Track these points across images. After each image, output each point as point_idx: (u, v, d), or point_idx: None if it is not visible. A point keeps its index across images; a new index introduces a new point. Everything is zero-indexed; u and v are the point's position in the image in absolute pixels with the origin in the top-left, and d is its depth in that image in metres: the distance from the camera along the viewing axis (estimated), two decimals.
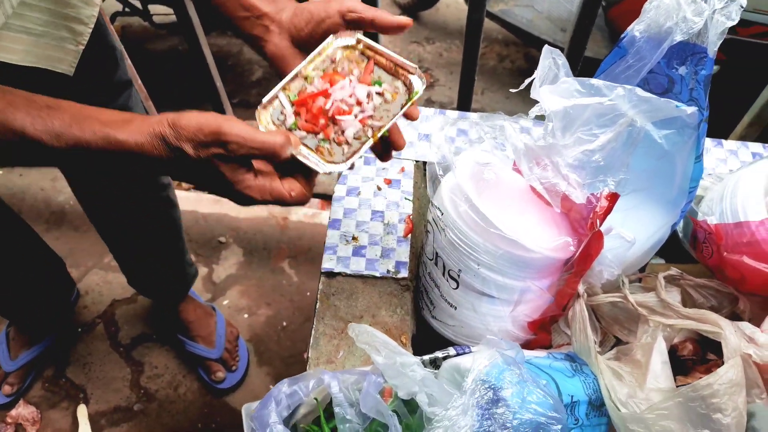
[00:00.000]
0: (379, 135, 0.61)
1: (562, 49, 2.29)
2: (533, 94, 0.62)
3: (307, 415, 0.68)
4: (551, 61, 0.62)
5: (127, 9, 2.30)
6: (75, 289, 1.67)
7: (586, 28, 1.03)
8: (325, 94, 0.62)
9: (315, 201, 2.07)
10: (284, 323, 1.67)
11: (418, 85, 0.62)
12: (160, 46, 2.59)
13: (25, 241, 1.31)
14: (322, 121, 0.62)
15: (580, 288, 0.73)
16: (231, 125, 0.53)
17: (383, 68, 0.65)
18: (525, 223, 0.68)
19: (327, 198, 1.72)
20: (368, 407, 0.58)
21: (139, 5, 2.32)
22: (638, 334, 0.75)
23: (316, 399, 0.66)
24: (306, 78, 0.64)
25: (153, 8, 2.33)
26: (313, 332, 0.75)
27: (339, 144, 0.61)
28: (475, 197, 0.66)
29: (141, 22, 2.37)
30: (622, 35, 0.68)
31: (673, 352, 0.76)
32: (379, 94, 0.63)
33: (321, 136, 0.62)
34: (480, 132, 0.77)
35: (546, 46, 0.62)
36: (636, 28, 0.65)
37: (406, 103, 0.62)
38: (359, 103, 0.62)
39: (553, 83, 0.62)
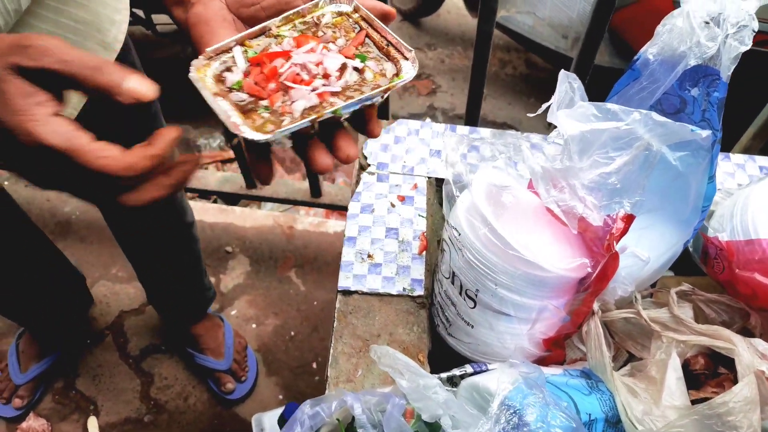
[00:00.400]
0: (326, 115, 0.47)
1: (563, 56, 2.31)
2: (550, 118, 0.63)
3: None
4: (567, 85, 0.63)
5: (130, 18, 2.31)
6: (92, 303, 1.70)
7: (595, 39, 1.04)
8: (286, 56, 0.50)
9: (320, 210, 2.08)
10: (292, 333, 1.68)
11: (408, 71, 0.50)
12: (163, 53, 2.60)
13: (41, 248, 1.33)
14: (272, 85, 0.49)
15: (595, 305, 0.74)
16: (45, 37, 0.38)
17: (376, 45, 0.53)
18: (541, 243, 0.69)
19: (332, 207, 1.73)
20: (391, 429, 0.59)
21: (142, 15, 2.33)
22: (651, 350, 0.76)
23: (338, 420, 0.67)
24: (277, 37, 0.53)
25: (156, 17, 2.34)
26: (331, 351, 0.76)
27: (282, 115, 0.47)
28: (493, 219, 0.67)
29: (143, 30, 2.38)
30: (635, 57, 0.69)
31: (685, 366, 0.77)
32: (357, 70, 0.51)
33: (266, 102, 0.48)
34: (493, 150, 0.78)
35: (563, 71, 0.63)
36: (649, 51, 0.66)
37: (385, 87, 0.49)
38: (326, 76, 0.49)
39: (569, 107, 0.63)
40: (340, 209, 1.68)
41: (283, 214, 1.98)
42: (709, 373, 0.80)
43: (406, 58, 0.51)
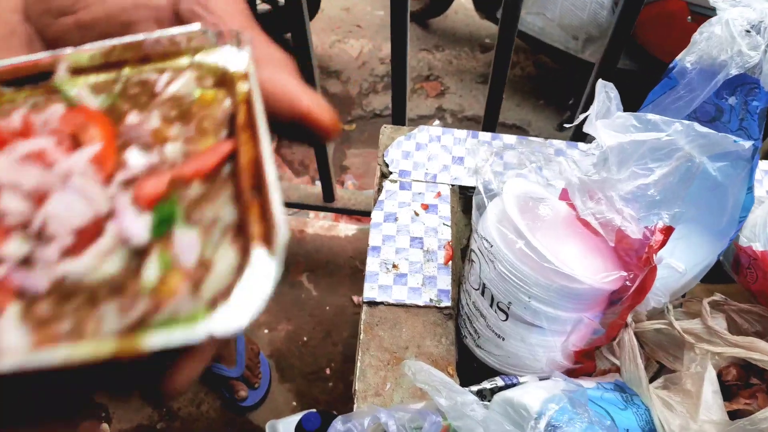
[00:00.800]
0: None
1: (573, 57, 2.30)
2: (587, 129, 0.62)
3: None
4: (605, 95, 0.62)
5: None
6: None
7: (620, 43, 1.03)
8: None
9: (329, 213, 2.07)
10: (305, 338, 1.67)
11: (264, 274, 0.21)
12: None
13: None
14: None
15: (628, 317, 0.73)
16: None
17: (235, 187, 0.24)
18: (575, 255, 0.68)
19: (346, 212, 1.71)
20: None
21: None
22: (685, 362, 0.75)
23: None
24: (63, 94, 0.26)
25: None
26: (358, 364, 0.75)
27: None
28: (527, 231, 0.66)
29: None
30: (671, 65, 0.67)
31: (717, 377, 0.76)
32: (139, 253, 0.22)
33: None
34: (521, 158, 0.77)
35: (600, 80, 0.62)
36: (687, 60, 0.65)
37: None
38: (43, 237, 0.22)
39: (606, 117, 0.62)
40: (355, 214, 1.66)
41: (293, 217, 1.97)
42: (741, 383, 0.79)
43: (268, 244, 0.21)
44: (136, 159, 0.24)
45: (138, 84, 0.26)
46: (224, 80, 0.26)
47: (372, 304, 0.80)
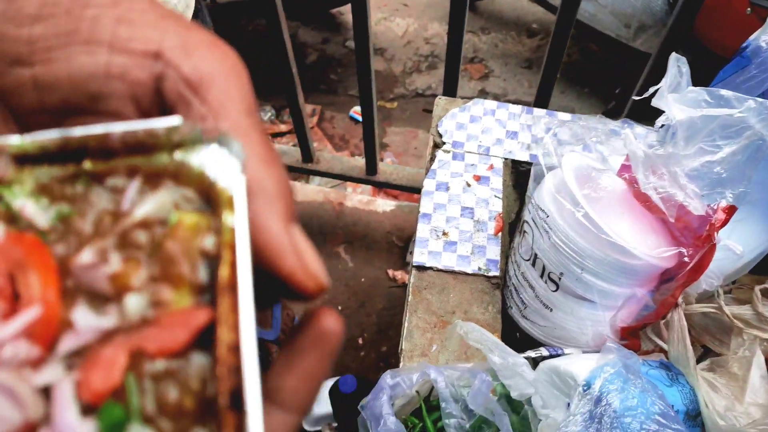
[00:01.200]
0: None
1: (624, 45, 2.26)
2: (657, 103, 0.61)
3: (403, 407, 0.69)
4: (676, 69, 0.61)
5: None
6: None
7: (680, 33, 1.01)
8: None
9: (367, 188, 2.08)
10: (339, 307, 1.69)
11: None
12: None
13: None
14: None
15: (679, 298, 0.73)
16: None
17: (216, 362, 0.18)
18: (630, 230, 0.68)
19: (385, 186, 1.73)
20: (478, 405, 0.59)
21: None
22: (732, 346, 0.74)
23: (417, 392, 0.67)
24: (3, 203, 0.19)
25: None
26: (405, 324, 0.76)
27: None
28: (585, 202, 0.66)
29: None
30: (744, 44, 0.67)
31: (765, 362, 0.76)
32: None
33: None
34: (580, 133, 0.77)
35: (673, 53, 0.61)
36: (762, 39, 0.64)
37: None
38: None
39: (676, 91, 0.62)
40: (396, 188, 1.67)
41: (333, 190, 1.99)
42: None
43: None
44: (86, 320, 0.18)
45: (99, 192, 0.20)
46: (209, 197, 0.20)
47: (421, 268, 0.81)
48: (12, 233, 0.19)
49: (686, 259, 0.64)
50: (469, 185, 0.89)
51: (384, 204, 1.93)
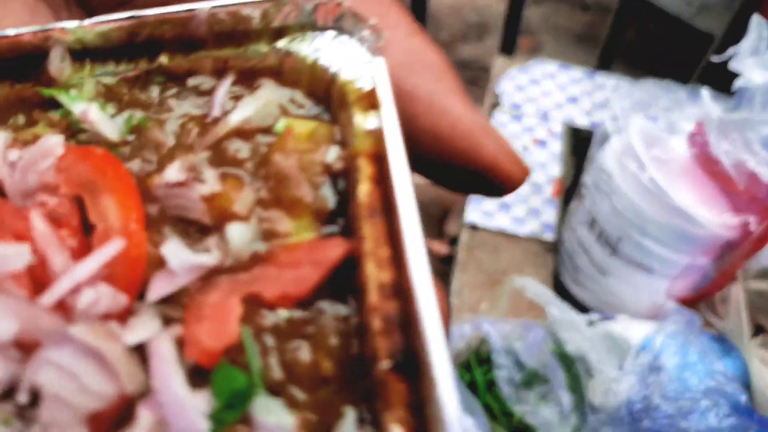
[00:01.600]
0: None
1: (686, 24, 2.18)
2: (735, 66, 0.60)
3: (452, 359, 0.70)
4: (758, 33, 0.59)
5: None
6: None
7: (749, 11, 0.97)
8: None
9: None
10: None
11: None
12: None
13: None
14: None
15: (737, 272, 0.72)
16: None
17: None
18: (696, 197, 0.66)
19: None
20: (531, 358, 0.60)
21: None
22: None
23: (468, 344, 0.68)
24: (62, 110, 0.16)
25: None
26: (455, 281, 0.77)
27: None
28: (651, 165, 0.65)
29: None
30: None
31: None
32: None
33: None
34: (649, 98, 0.75)
35: (755, 17, 0.59)
36: None
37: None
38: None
39: (756, 55, 0.60)
40: None
41: None
42: None
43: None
44: (179, 257, 0.13)
45: (180, 93, 0.15)
46: (327, 99, 0.15)
47: (473, 227, 0.81)
48: (74, 147, 0.14)
49: (753, 227, 0.63)
50: (526, 148, 0.88)
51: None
